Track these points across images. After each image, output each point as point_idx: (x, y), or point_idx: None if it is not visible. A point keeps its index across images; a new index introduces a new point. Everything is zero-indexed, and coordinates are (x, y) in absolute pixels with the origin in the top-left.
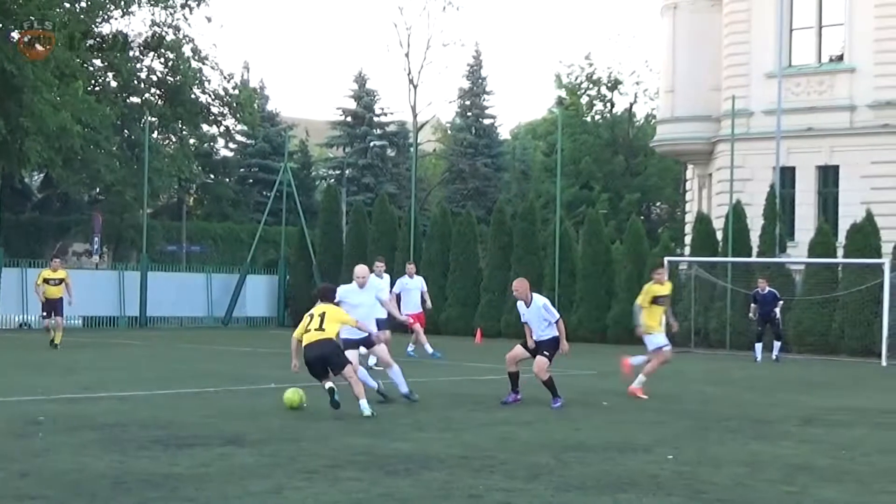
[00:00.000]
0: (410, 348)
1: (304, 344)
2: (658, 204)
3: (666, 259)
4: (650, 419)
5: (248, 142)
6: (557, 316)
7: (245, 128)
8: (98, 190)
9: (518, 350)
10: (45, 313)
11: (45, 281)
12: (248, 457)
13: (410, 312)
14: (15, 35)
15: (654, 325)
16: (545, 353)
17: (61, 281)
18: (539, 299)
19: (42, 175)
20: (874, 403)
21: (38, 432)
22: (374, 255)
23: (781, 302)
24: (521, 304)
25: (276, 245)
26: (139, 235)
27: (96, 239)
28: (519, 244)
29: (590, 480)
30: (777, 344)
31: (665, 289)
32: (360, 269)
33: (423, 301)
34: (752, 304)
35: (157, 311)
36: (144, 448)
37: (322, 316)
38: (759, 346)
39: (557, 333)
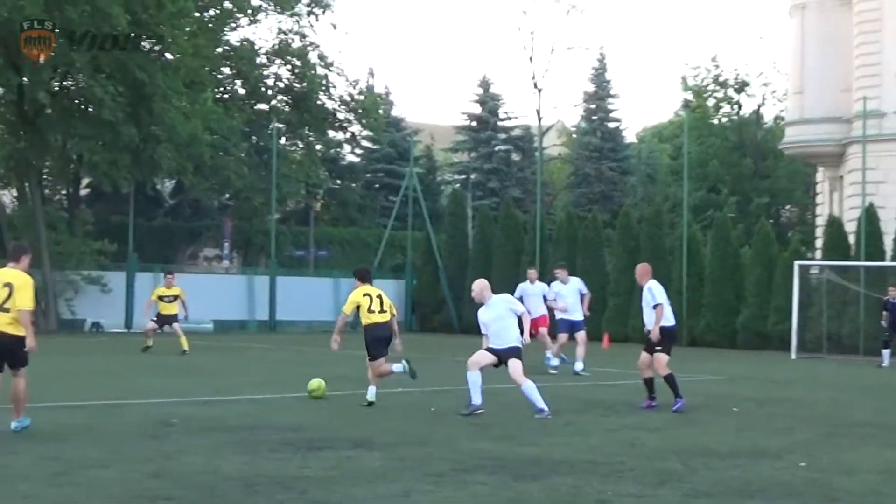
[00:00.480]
0: (556, 359)
1: (368, 323)
2: (787, 207)
3: (797, 263)
4: (780, 425)
5: (374, 147)
6: (658, 300)
7: (371, 133)
8: (228, 195)
9: (644, 356)
10: (155, 318)
11: (160, 298)
12: (376, 460)
13: (534, 316)
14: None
15: None
16: (658, 347)
17: (176, 297)
18: (648, 283)
19: (174, 181)
20: None
21: (171, 433)
22: (501, 259)
23: None
24: None
25: (402, 249)
26: (268, 240)
27: (226, 244)
28: (646, 248)
29: (719, 487)
30: None
31: None
32: (474, 285)
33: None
34: (884, 312)
35: (285, 314)
36: (275, 450)
37: (380, 298)
38: (886, 353)
39: (663, 322)
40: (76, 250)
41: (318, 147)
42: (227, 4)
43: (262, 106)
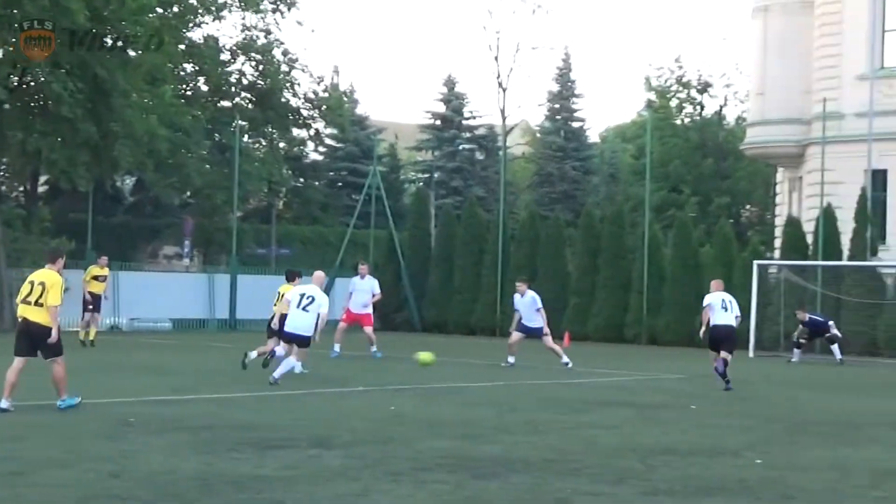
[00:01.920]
0: (374, 349)
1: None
2: (748, 207)
3: (756, 263)
4: (738, 423)
5: (338, 145)
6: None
7: (334, 131)
8: (189, 193)
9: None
10: (91, 306)
11: (94, 278)
12: (335, 459)
13: (359, 312)
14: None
15: None
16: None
17: (106, 278)
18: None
19: (134, 179)
20: None
21: (129, 433)
22: (463, 258)
23: (832, 322)
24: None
25: (364, 248)
26: (229, 238)
27: (187, 242)
28: (607, 248)
29: (677, 484)
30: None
31: None
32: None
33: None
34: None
35: (246, 313)
36: (233, 450)
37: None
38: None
39: None
40: (32, 248)
41: (281, 145)
42: (191, 1)
43: (226, 103)
